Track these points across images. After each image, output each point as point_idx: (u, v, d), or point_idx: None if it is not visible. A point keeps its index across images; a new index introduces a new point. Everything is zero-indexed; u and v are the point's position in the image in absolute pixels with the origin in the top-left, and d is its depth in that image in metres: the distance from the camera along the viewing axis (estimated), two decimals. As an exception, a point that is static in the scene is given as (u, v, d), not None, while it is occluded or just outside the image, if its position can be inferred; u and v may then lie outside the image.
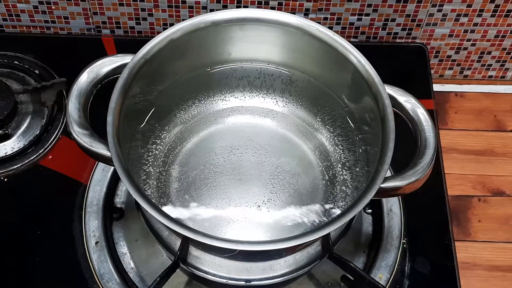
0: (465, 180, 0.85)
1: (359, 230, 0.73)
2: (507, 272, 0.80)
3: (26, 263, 0.70)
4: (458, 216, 0.83)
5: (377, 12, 0.85)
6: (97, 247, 0.70)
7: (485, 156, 0.87)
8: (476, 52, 0.90)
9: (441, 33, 0.88)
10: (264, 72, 0.70)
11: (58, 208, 0.74)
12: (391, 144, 0.57)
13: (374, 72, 0.60)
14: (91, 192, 0.74)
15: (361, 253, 0.72)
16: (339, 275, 0.68)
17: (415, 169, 0.57)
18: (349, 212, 0.54)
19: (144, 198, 0.54)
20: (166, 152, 0.70)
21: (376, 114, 0.60)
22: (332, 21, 0.86)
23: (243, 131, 0.72)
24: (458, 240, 0.79)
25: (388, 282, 0.69)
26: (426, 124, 0.60)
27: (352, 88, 0.65)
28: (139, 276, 0.70)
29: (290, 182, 0.69)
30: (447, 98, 0.91)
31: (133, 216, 0.72)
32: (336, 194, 0.68)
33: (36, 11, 0.86)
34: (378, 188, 0.54)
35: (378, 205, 0.74)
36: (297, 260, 0.62)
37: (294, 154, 0.71)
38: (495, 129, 0.89)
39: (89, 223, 0.72)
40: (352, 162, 0.69)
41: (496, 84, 0.94)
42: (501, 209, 0.84)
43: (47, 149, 0.77)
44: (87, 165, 0.75)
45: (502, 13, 0.84)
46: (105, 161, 0.58)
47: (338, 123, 0.70)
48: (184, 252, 0.61)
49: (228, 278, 0.62)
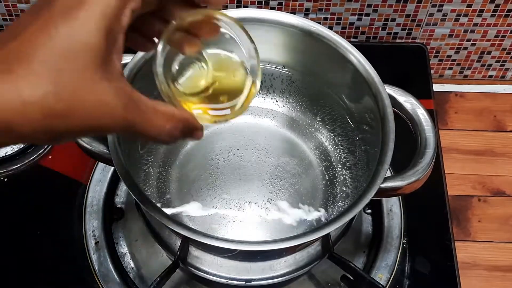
0: (465, 180, 0.85)
1: (359, 230, 0.73)
2: (507, 272, 0.80)
3: (26, 263, 0.70)
4: (458, 216, 0.83)
5: (377, 12, 0.85)
6: (97, 247, 0.70)
7: (485, 156, 0.87)
8: (476, 52, 0.90)
9: (441, 33, 0.88)
10: (264, 72, 0.70)
11: (58, 208, 0.74)
12: (391, 144, 0.57)
13: (374, 72, 0.60)
14: (91, 192, 0.74)
15: (361, 253, 0.72)
16: (339, 275, 0.68)
17: (415, 169, 0.57)
18: (349, 212, 0.54)
19: (144, 198, 0.54)
20: (166, 152, 0.70)
21: (376, 114, 0.60)
22: (332, 21, 0.86)
23: (243, 131, 0.72)
24: (458, 240, 0.79)
25: (388, 282, 0.69)
26: (426, 124, 0.60)
27: (352, 88, 0.65)
28: (139, 276, 0.70)
29: (290, 182, 0.69)
30: (447, 98, 0.91)
31: (133, 216, 0.72)
32: (336, 194, 0.68)
33: (36, 11, 0.85)
34: (378, 188, 0.54)
35: (378, 205, 0.74)
36: (297, 260, 0.62)
37: (294, 154, 0.71)
38: (495, 129, 0.89)
39: (89, 223, 0.72)
40: (352, 162, 0.69)
41: (496, 84, 0.94)
42: (501, 209, 0.84)
43: (47, 149, 0.77)
44: (87, 165, 0.75)
45: (502, 13, 0.84)
46: (105, 161, 0.58)
47: (338, 123, 0.70)
48: (184, 252, 0.61)
49: (228, 278, 0.62)
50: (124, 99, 0.35)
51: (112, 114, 0.35)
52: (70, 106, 0.33)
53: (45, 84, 0.32)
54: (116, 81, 0.35)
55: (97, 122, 0.35)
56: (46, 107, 0.32)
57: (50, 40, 0.33)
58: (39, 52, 0.33)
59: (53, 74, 0.33)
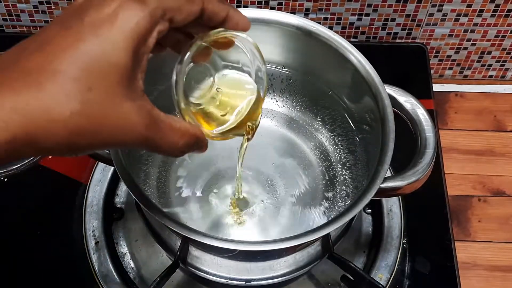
0: (465, 180, 0.85)
1: (359, 230, 0.73)
2: (507, 272, 0.80)
3: (26, 263, 0.70)
4: (458, 216, 0.83)
5: (377, 12, 0.85)
6: (97, 247, 0.70)
7: (485, 156, 0.87)
8: (476, 52, 0.90)
9: (441, 33, 0.88)
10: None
11: (58, 208, 0.74)
12: (391, 144, 0.57)
13: (374, 72, 0.60)
14: (91, 192, 0.74)
15: (361, 253, 0.72)
16: (339, 275, 0.68)
17: (415, 169, 0.57)
18: (349, 212, 0.54)
19: (144, 198, 0.54)
20: (166, 152, 0.70)
21: (376, 114, 0.60)
22: (332, 21, 0.86)
23: (243, 131, 0.72)
24: (458, 240, 0.79)
25: (388, 282, 0.69)
26: (426, 124, 0.60)
27: (352, 88, 0.65)
28: (139, 276, 0.70)
29: (290, 182, 0.69)
30: (447, 98, 0.91)
31: (133, 216, 0.72)
32: (336, 194, 0.68)
33: (36, 11, 0.86)
34: (378, 188, 0.54)
35: (378, 205, 0.74)
36: (297, 260, 0.62)
37: (294, 154, 0.71)
38: (495, 129, 0.89)
39: (89, 223, 0.72)
40: (352, 162, 0.69)
41: (496, 84, 0.94)
42: (501, 209, 0.83)
43: (47, 149, 0.77)
44: (87, 165, 0.75)
45: (502, 13, 0.84)
46: (105, 161, 0.58)
47: (338, 123, 0.70)
48: (184, 252, 0.61)
49: (228, 278, 0.62)
50: (145, 117, 0.36)
51: (134, 132, 0.36)
52: (95, 125, 0.34)
53: (73, 103, 0.33)
54: (139, 100, 0.36)
55: (119, 139, 0.35)
56: (72, 125, 0.33)
57: (80, 57, 0.33)
58: (69, 68, 0.33)
59: (83, 94, 0.33)
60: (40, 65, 0.33)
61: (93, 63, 0.33)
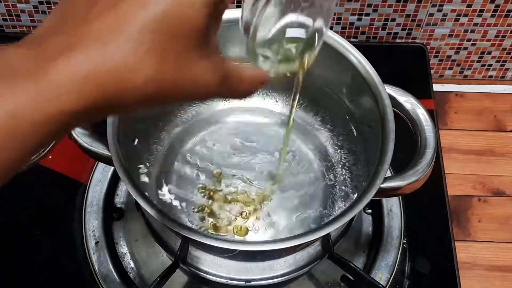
0: (465, 180, 0.85)
1: (359, 230, 0.73)
2: (507, 272, 0.80)
3: (26, 263, 0.70)
4: (458, 216, 0.83)
5: (377, 12, 0.85)
6: (97, 247, 0.70)
7: (485, 156, 0.87)
8: (476, 52, 0.90)
9: (441, 33, 0.88)
10: (264, 72, 0.70)
11: (58, 208, 0.74)
12: (391, 144, 0.57)
13: (374, 72, 0.60)
14: (91, 192, 0.74)
15: (361, 253, 0.72)
16: (339, 275, 0.68)
17: (415, 169, 0.57)
18: (349, 212, 0.54)
19: (144, 198, 0.54)
20: (166, 152, 0.70)
21: (376, 114, 0.60)
22: (332, 21, 0.86)
23: (243, 131, 0.72)
24: (458, 240, 0.79)
25: (388, 282, 0.69)
26: (426, 124, 0.60)
27: (352, 88, 0.65)
28: (139, 276, 0.70)
29: (290, 182, 0.69)
30: (447, 98, 0.91)
31: (133, 216, 0.72)
32: (336, 194, 0.68)
33: (36, 11, 0.86)
34: (378, 188, 0.54)
35: (378, 205, 0.74)
36: (297, 260, 0.62)
37: (294, 154, 0.71)
38: (495, 129, 0.89)
39: (89, 223, 0.72)
40: (352, 162, 0.69)
41: (496, 84, 0.94)
42: (501, 209, 0.83)
43: (47, 149, 0.77)
44: (87, 165, 0.75)
45: (502, 13, 0.84)
46: (105, 161, 0.58)
47: (338, 123, 0.70)
48: (184, 252, 0.61)
49: (228, 278, 0.62)
50: (219, 75, 0.36)
51: (207, 90, 0.36)
52: (170, 85, 0.33)
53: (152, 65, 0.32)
54: (214, 56, 0.35)
55: (191, 97, 0.36)
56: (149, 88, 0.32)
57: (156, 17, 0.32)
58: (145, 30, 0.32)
59: (161, 55, 0.32)
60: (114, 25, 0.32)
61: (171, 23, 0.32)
